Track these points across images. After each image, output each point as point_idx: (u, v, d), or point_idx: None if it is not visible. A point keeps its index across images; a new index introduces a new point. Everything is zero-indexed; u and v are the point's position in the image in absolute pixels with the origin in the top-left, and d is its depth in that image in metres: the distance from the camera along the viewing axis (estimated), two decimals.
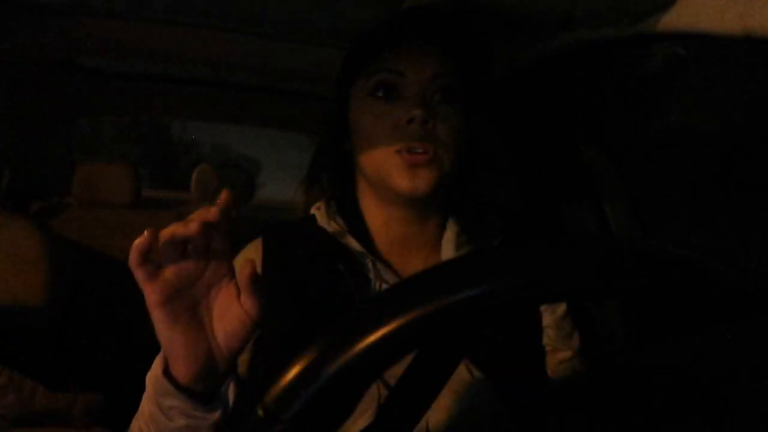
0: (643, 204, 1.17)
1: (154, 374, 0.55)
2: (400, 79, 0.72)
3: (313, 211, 0.80)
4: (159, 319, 0.52)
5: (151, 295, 0.51)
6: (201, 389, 0.54)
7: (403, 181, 0.71)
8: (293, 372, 0.32)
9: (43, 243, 1.29)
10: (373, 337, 0.31)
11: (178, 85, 1.79)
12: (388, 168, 0.72)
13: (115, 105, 1.86)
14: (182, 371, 0.53)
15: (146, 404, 0.57)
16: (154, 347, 0.56)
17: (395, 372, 0.36)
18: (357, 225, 0.77)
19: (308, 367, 0.32)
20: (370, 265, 0.74)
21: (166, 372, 0.54)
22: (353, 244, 0.75)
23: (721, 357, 0.34)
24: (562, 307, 0.78)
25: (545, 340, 0.76)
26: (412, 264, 0.77)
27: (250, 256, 0.77)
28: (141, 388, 0.58)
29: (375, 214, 0.78)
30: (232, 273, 0.55)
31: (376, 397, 0.65)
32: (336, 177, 0.80)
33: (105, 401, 1.21)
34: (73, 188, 1.75)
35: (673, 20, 0.71)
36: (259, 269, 0.75)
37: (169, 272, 0.51)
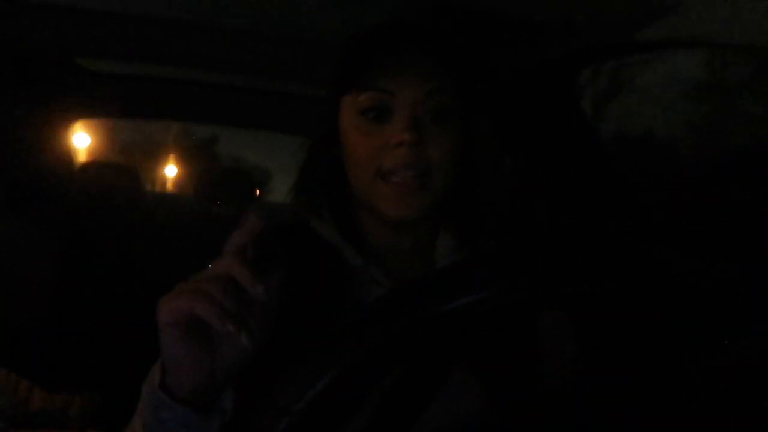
0: (643, 205, 1.17)
1: (150, 386, 0.54)
2: (390, 99, 0.69)
3: (306, 213, 0.79)
4: (168, 336, 0.50)
5: (165, 315, 0.49)
6: (199, 401, 0.53)
7: (389, 208, 0.69)
8: (302, 369, 0.34)
9: (43, 242, 1.29)
10: (376, 341, 0.32)
11: (181, 86, 1.79)
12: (375, 193, 0.70)
13: (116, 106, 1.87)
14: (182, 385, 0.52)
15: (140, 416, 0.56)
16: (152, 348, 0.55)
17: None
18: (349, 229, 0.77)
19: (318, 364, 0.34)
20: (363, 269, 0.74)
21: (163, 384, 0.53)
22: (346, 248, 0.75)
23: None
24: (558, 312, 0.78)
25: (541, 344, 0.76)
26: (407, 268, 0.77)
27: None
28: (138, 389, 0.58)
29: (367, 221, 0.77)
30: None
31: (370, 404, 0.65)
32: (328, 182, 0.78)
33: (102, 402, 1.20)
34: (74, 189, 1.75)
35: (675, 28, 0.71)
36: None
37: None
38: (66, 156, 1.87)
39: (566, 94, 1.19)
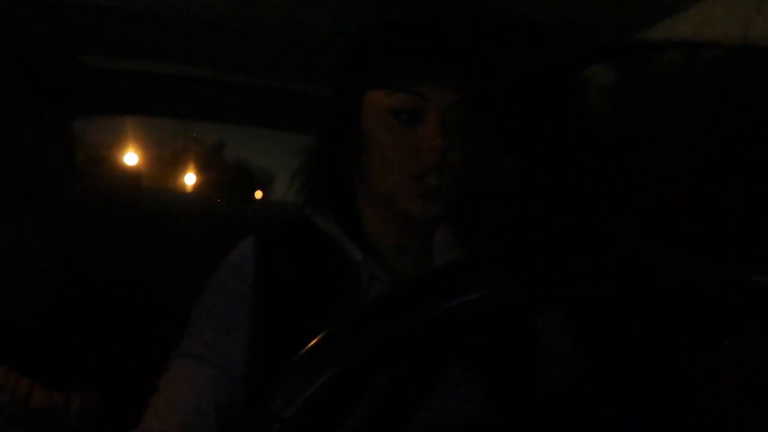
0: (643, 205, 1.17)
1: None
2: (423, 102, 0.70)
3: (308, 209, 0.79)
4: None
5: None
6: None
7: (414, 208, 0.71)
8: (293, 374, 0.33)
9: (43, 240, 1.29)
10: (368, 345, 0.32)
11: (181, 84, 1.79)
12: (401, 192, 0.71)
13: (118, 103, 1.87)
14: None
15: None
16: (152, 347, 0.55)
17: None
18: (352, 225, 0.77)
19: (307, 369, 0.33)
20: (364, 265, 0.74)
21: None
22: (348, 243, 0.75)
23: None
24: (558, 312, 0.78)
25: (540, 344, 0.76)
26: (406, 264, 0.77)
27: (241, 254, 0.77)
28: (138, 388, 0.58)
29: (371, 217, 0.77)
30: None
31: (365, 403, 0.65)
32: (336, 177, 0.78)
33: (102, 401, 1.20)
34: (74, 186, 1.75)
35: (674, 28, 0.71)
36: (250, 268, 0.75)
37: None
38: (68, 155, 1.87)
39: (566, 95, 1.19)
